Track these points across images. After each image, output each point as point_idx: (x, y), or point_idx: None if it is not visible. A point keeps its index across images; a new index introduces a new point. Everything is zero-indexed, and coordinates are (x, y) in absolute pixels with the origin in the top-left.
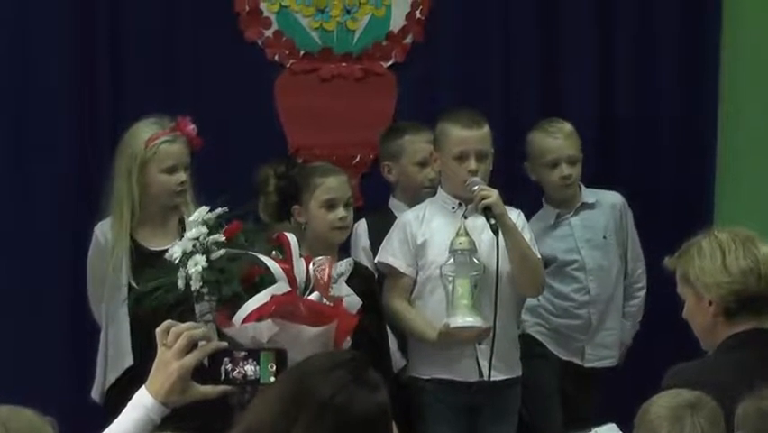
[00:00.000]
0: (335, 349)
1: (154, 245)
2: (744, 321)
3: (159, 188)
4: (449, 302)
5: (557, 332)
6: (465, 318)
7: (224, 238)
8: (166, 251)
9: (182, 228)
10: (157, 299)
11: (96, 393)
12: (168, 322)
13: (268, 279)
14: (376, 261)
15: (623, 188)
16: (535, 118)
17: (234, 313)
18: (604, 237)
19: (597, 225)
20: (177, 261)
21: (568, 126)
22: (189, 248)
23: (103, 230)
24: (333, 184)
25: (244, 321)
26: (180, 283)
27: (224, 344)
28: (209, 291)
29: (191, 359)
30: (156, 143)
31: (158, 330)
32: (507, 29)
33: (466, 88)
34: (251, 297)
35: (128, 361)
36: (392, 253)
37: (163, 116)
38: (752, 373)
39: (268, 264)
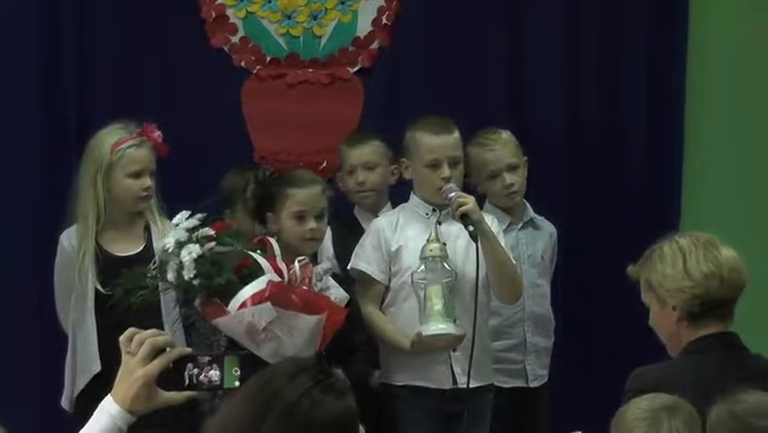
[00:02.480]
0: (323, 341)
1: (119, 251)
2: (708, 325)
3: (124, 193)
4: (421, 310)
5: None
6: (438, 326)
7: (213, 232)
8: (131, 257)
9: (148, 235)
10: (141, 297)
11: (65, 401)
12: (131, 330)
13: (257, 271)
14: (349, 267)
15: (590, 189)
16: (503, 122)
17: (227, 303)
18: (542, 258)
19: (538, 244)
20: (170, 250)
21: (504, 135)
22: (183, 237)
23: (69, 237)
24: (303, 197)
25: (240, 308)
26: (171, 276)
27: (188, 349)
28: (201, 282)
29: (155, 366)
30: (122, 148)
31: (121, 338)
32: (474, 33)
33: (432, 93)
34: (243, 286)
35: (96, 367)
36: (365, 260)
37: (129, 122)
38: (714, 376)
39: (256, 258)
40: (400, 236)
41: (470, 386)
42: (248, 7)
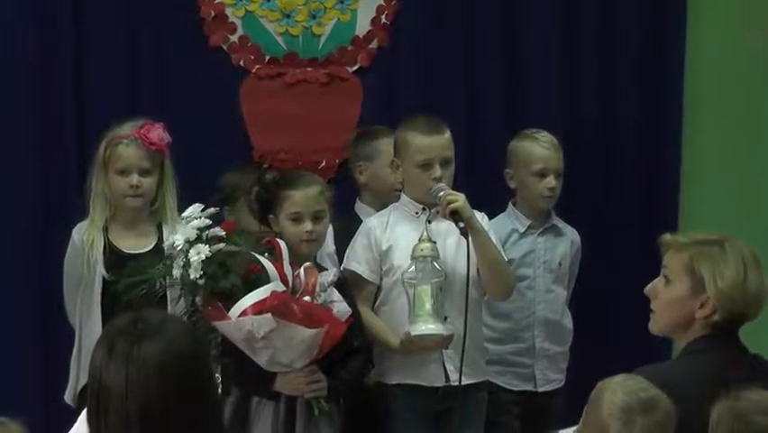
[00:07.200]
0: (320, 353)
1: (128, 248)
2: (721, 331)
3: (114, 189)
4: (410, 310)
5: (503, 362)
6: (427, 326)
7: (223, 232)
8: (140, 254)
9: (160, 233)
10: (144, 291)
11: (68, 396)
12: None
13: (264, 278)
14: (341, 267)
15: (587, 190)
16: (500, 122)
17: (229, 307)
18: (559, 264)
19: (557, 250)
20: (178, 248)
21: (555, 139)
22: (193, 236)
23: (80, 231)
24: (299, 198)
25: (241, 315)
26: (176, 272)
27: None
28: (205, 283)
29: None
30: (113, 145)
31: None
32: (472, 33)
33: (431, 93)
34: (247, 293)
35: None
36: (356, 260)
37: (146, 120)
38: (716, 375)
39: (264, 264)
40: (390, 235)
41: (463, 383)
42: (247, 6)
